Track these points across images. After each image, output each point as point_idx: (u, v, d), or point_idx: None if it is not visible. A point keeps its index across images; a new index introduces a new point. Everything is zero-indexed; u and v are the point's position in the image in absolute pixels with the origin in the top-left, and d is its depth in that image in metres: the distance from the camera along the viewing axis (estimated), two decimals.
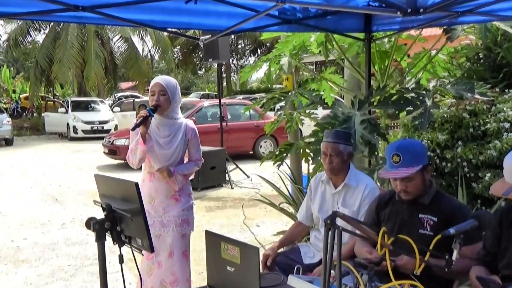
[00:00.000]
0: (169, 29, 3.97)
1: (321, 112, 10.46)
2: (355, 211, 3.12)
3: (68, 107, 20.16)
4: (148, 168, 3.42)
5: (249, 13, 3.54)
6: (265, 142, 13.22)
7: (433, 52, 4.96)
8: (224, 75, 36.04)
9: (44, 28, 25.00)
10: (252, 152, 13.21)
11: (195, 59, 36.59)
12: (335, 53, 5.29)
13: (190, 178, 3.54)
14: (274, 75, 5.49)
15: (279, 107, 4.96)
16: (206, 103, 13.66)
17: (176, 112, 3.38)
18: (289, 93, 4.91)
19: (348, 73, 5.56)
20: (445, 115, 4.41)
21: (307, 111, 4.93)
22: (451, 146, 4.33)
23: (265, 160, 5.12)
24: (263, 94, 19.36)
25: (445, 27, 4.16)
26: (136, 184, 2.15)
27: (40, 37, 27.91)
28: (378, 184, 3.72)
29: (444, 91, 4.27)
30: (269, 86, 7.49)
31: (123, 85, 41.49)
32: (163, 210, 3.38)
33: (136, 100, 22.47)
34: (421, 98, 3.94)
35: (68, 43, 22.23)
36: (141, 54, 26.20)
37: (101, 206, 2.35)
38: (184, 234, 3.42)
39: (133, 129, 3.23)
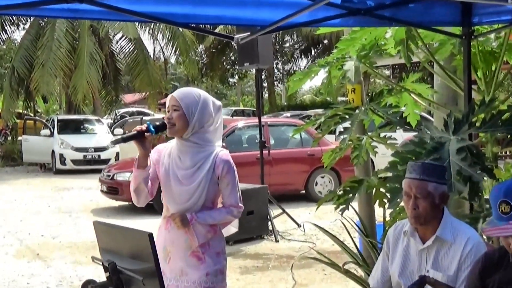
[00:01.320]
0: (193, 25, 4.09)
1: (401, 136, 10.36)
2: (452, 276, 3.09)
3: (53, 129, 20.62)
4: (165, 212, 3.53)
5: (301, 1, 3.61)
6: (322, 177, 13.20)
7: None
8: (265, 84, 36.35)
9: (23, 22, 25.94)
10: (304, 191, 13.20)
11: (225, 63, 37.09)
12: (421, 55, 5.30)
13: (228, 233, 3.58)
14: (336, 85, 5.52)
15: (343, 129, 4.96)
16: (241, 122, 13.80)
17: (202, 138, 3.45)
18: (357, 110, 4.93)
19: (440, 81, 5.55)
20: None
21: (382, 134, 4.93)
22: None
23: (323, 203, 5.12)
24: (319, 111, 19.37)
25: None
26: (150, 235, 2.21)
27: (18, 34, 28.96)
28: (484, 238, 3.68)
29: None
30: (328, 99, 7.53)
31: (127, 98, 42.27)
32: (181, 271, 3.42)
33: (145, 118, 22.79)
34: None
35: (55, 42, 22.85)
36: (151, 56, 26.71)
37: (102, 264, 2.42)
38: None
39: (114, 142, 3.42)
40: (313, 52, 36.52)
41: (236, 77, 41.20)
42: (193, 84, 37.56)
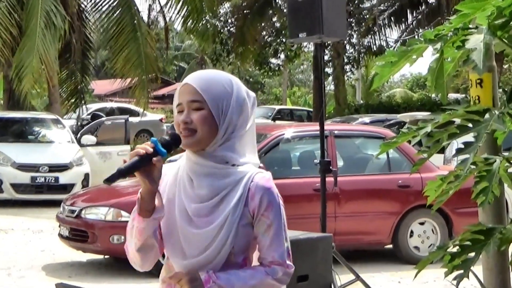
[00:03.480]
0: None
1: None
2: None
3: None
4: (165, 271, 3.57)
5: None
6: (422, 224, 13.23)
7: None
8: (329, 70, 36.19)
9: None
10: (391, 245, 13.25)
11: (264, 32, 37.04)
12: None
13: None
14: (450, 73, 5.55)
15: (462, 146, 4.99)
16: (289, 131, 13.84)
17: (232, 149, 3.46)
18: (486, 114, 4.94)
19: None
20: None
21: None
22: None
23: (425, 267, 5.16)
24: (419, 114, 19.28)
25: None
26: None
27: None
28: None
29: None
30: (434, 96, 7.59)
31: (102, 86, 42.64)
32: None
33: (132, 120, 22.92)
34: None
35: None
36: (144, 19, 26.85)
37: None
38: None
39: (109, 180, 3.27)
40: (410, 18, 36.28)
41: (282, 56, 41.04)
42: (210, 66, 37.48)
